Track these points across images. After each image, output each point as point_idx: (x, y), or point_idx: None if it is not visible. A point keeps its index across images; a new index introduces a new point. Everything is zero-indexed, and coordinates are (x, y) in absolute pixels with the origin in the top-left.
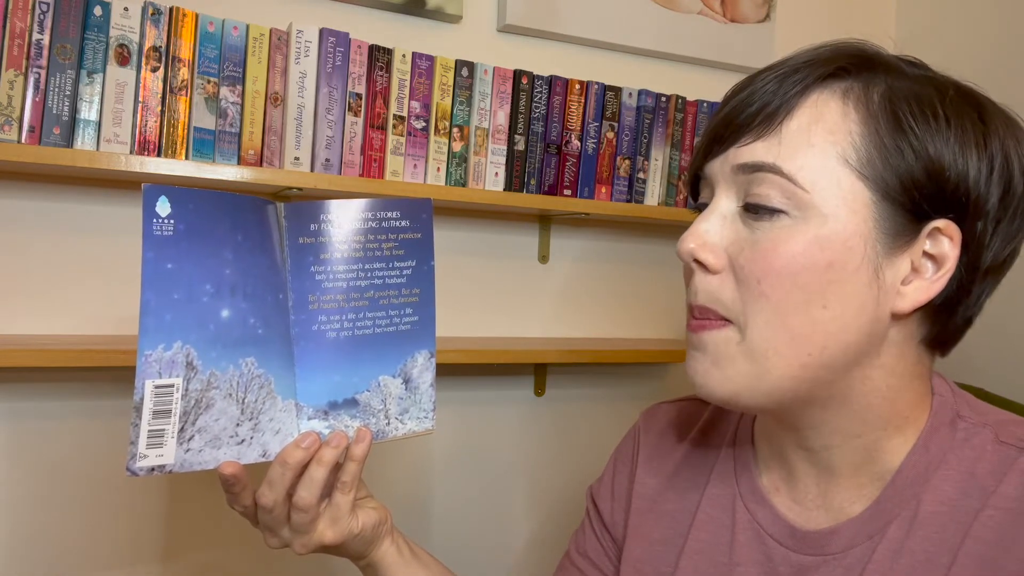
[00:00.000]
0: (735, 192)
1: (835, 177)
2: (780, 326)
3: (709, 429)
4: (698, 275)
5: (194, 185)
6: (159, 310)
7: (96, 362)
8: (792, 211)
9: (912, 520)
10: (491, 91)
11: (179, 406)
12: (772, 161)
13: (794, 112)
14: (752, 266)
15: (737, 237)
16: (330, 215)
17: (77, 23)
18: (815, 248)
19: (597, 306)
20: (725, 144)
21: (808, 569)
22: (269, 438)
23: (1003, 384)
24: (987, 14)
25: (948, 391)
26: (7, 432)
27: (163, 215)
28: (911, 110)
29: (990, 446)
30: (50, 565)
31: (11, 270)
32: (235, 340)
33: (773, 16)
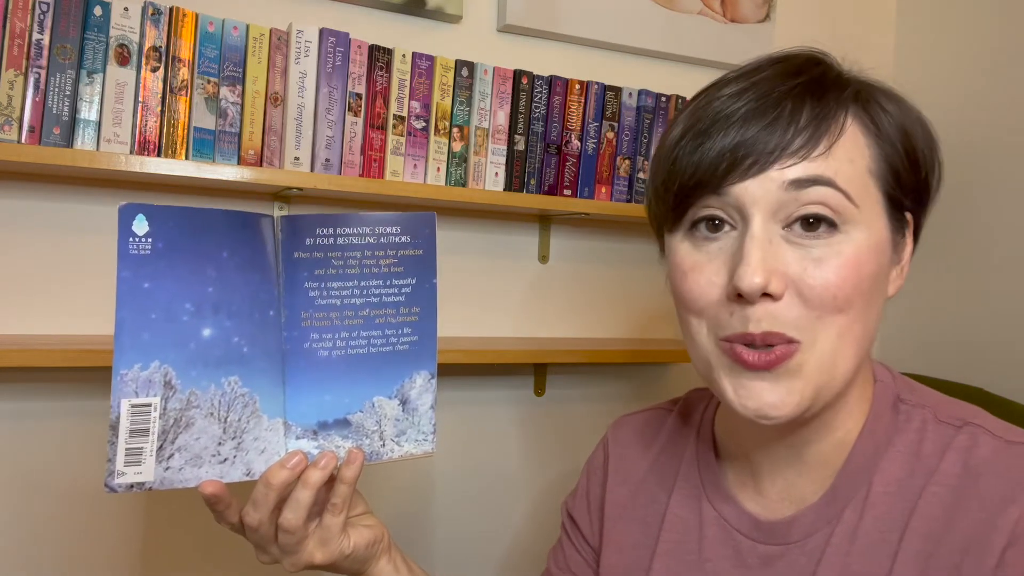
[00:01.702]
0: (774, 211)
1: (868, 188)
2: (848, 335)
3: (674, 435)
4: (761, 306)
5: (194, 185)
6: (135, 329)
7: (95, 362)
8: (843, 225)
9: (864, 502)
10: (491, 91)
11: (157, 425)
12: (830, 176)
13: (838, 137)
14: (824, 284)
15: (793, 258)
16: (326, 229)
17: (77, 23)
18: (871, 257)
19: (597, 306)
20: (757, 168)
21: (774, 558)
22: (254, 457)
23: (1003, 384)
24: (987, 14)
25: (888, 376)
26: (7, 432)
27: (140, 234)
28: (890, 109)
29: (930, 426)
30: (52, 562)
31: (11, 270)
32: (217, 359)
33: (773, 16)
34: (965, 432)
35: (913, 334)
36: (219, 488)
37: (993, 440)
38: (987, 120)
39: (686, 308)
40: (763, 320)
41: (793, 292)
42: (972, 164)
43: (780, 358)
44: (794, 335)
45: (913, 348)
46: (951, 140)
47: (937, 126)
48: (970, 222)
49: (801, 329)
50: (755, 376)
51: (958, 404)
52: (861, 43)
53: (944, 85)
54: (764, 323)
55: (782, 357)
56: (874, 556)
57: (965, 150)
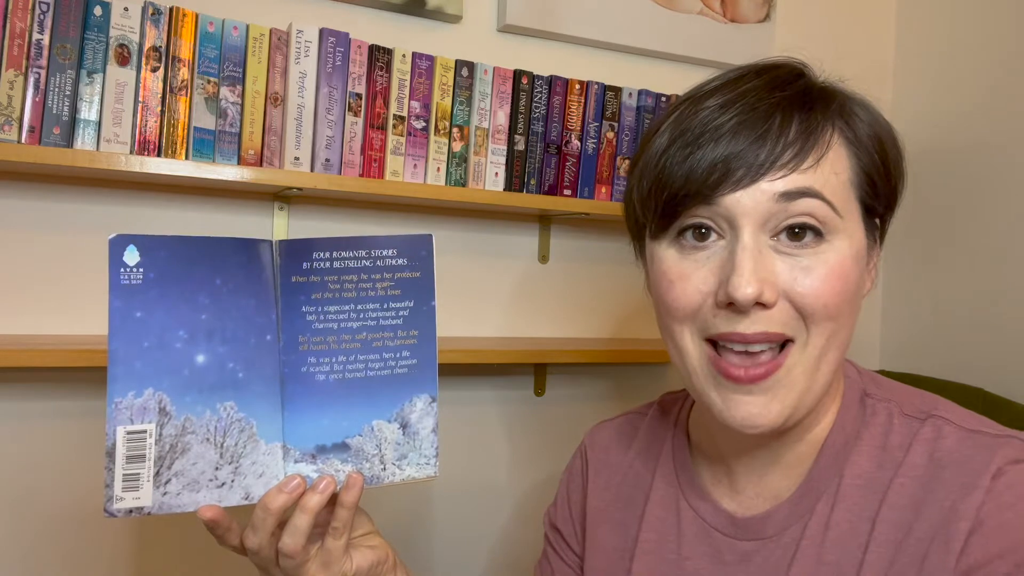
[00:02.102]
0: (763, 221)
1: (849, 199)
2: (834, 341)
3: (650, 437)
4: (755, 315)
5: (194, 185)
6: (128, 358)
7: (96, 362)
8: (828, 235)
9: (835, 495)
10: (491, 91)
11: (153, 451)
12: (818, 189)
13: (828, 145)
14: (816, 293)
15: (782, 267)
16: (323, 253)
17: (77, 23)
18: (854, 266)
19: (597, 306)
20: (748, 179)
21: (750, 554)
22: (252, 481)
23: (1003, 384)
24: (986, 14)
25: (855, 372)
26: (7, 432)
27: (131, 264)
28: (863, 117)
29: (896, 420)
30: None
31: (11, 270)
32: (212, 385)
33: (773, 16)
34: (929, 424)
35: (913, 334)
36: (217, 513)
37: (956, 431)
38: (988, 120)
39: (671, 316)
40: (757, 323)
41: (785, 300)
42: (972, 165)
43: (770, 370)
44: (789, 334)
45: (913, 348)
46: (951, 140)
47: (937, 126)
48: (970, 223)
49: (796, 330)
50: (743, 390)
51: (921, 395)
52: (861, 43)
53: (944, 85)
54: (758, 325)
55: (771, 370)
56: (846, 546)
57: (965, 150)
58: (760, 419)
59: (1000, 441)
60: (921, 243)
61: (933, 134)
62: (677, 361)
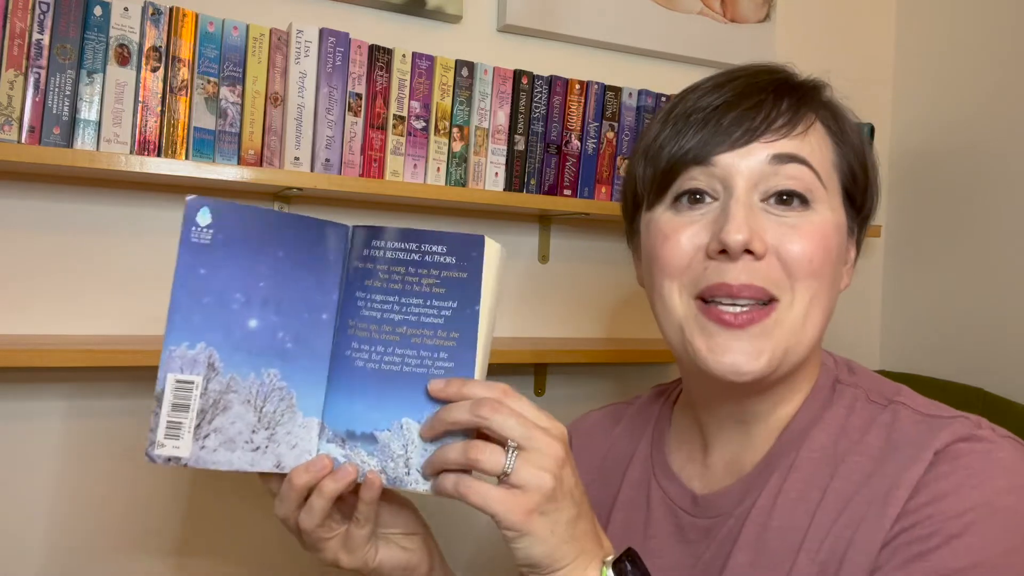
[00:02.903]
0: (755, 182)
1: (833, 178)
2: (818, 300)
3: (631, 424)
4: (742, 262)
5: (193, 185)
6: (187, 310)
7: (97, 362)
8: (813, 203)
9: (790, 467)
10: (491, 91)
11: (197, 403)
12: (805, 156)
13: (812, 125)
14: (802, 248)
15: (771, 225)
16: (380, 241)
17: (77, 23)
18: (836, 232)
19: (597, 306)
20: (744, 139)
21: (710, 529)
22: (284, 451)
23: (1003, 384)
24: (986, 15)
25: (832, 361)
26: (6, 432)
27: (203, 224)
28: (851, 123)
29: (860, 404)
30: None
31: (11, 270)
32: (260, 349)
33: (773, 16)
34: (889, 410)
35: (913, 334)
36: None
37: (913, 414)
38: (987, 121)
39: (662, 271)
40: (743, 274)
41: (773, 255)
42: (972, 165)
43: (756, 317)
44: (775, 293)
45: (913, 348)
46: (951, 141)
47: (936, 127)
48: (970, 223)
49: (781, 289)
50: (730, 335)
51: (888, 384)
52: (861, 43)
53: (944, 86)
54: (744, 276)
55: (759, 317)
56: (794, 512)
57: (965, 151)
58: (746, 366)
59: (948, 421)
60: (921, 243)
61: (933, 135)
62: (664, 321)
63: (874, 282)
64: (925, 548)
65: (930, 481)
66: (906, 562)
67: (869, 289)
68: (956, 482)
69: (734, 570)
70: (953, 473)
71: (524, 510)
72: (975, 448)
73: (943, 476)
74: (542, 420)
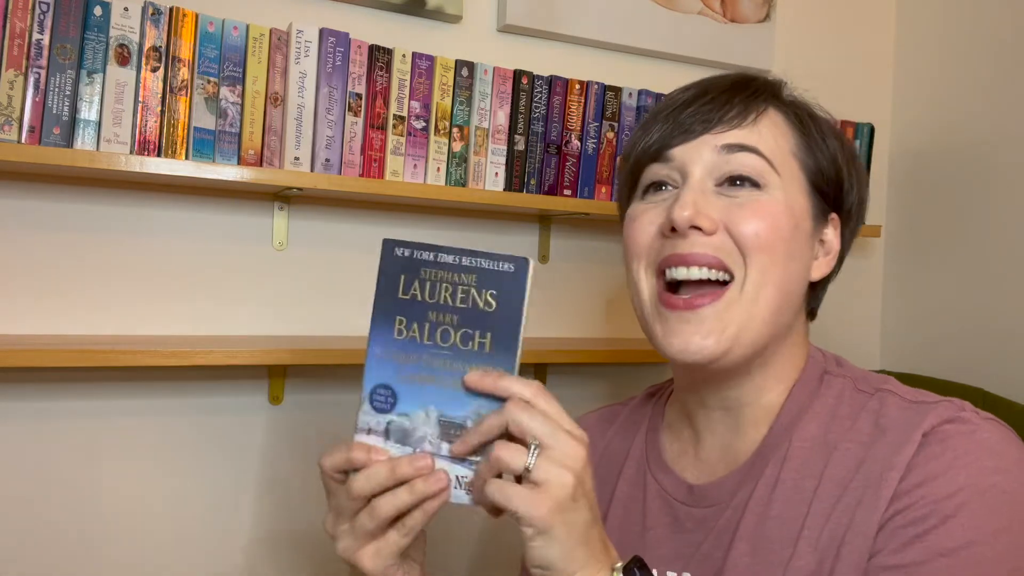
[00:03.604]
0: (709, 170)
1: (789, 164)
2: (770, 274)
3: (626, 423)
4: (693, 238)
5: (194, 185)
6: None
7: (96, 362)
8: (764, 187)
9: (784, 457)
10: (491, 91)
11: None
12: (754, 144)
13: (763, 115)
14: (748, 222)
15: (722, 204)
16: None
17: (77, 23)
18: (787, 211)
19: (597, 306)
20: (696, 132)
21: (707, 519)
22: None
23: (1003, 384)
24: (986, 14)
25: (820, 355)
26: (6, 432)
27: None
28: (821, 123)
29: (848, 393)
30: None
31: (11, 270)
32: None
33: (773, 16)
34: (876, 398)
35: (913, 335)
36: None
37: (899, 401)
38: (987, 121)
39: (631, 252)
40: (695, 246)
41: (724, 232)
42: (972, 165)
43: (708, 300)
44: (728, 263)
45: (913, 348)
46: (951, 141)
47: (936, 127)
48: (970, 223)
49: (735, 264)
50: (678, 317)
51: (874, 376)
52: (861, 43)
53: (944, 85)
54: (697, 248)
55: (710, 299)
56: (791, 501)
57: (965, 151)
58: (695, 346)
59: (933, 405)
60: (921, 243)
61: (933, 135)
62: (636, 305)
63: (874, 282)
64: (922, 529)
65: (920, 462)
66: (904, 544)
67: (869, 289)
68: (945, 463)
69: (735, 560)
70: (942, 454)
71: (546, 507)
72: (960, 430)
73: (933, 457)
74: (566, 422)
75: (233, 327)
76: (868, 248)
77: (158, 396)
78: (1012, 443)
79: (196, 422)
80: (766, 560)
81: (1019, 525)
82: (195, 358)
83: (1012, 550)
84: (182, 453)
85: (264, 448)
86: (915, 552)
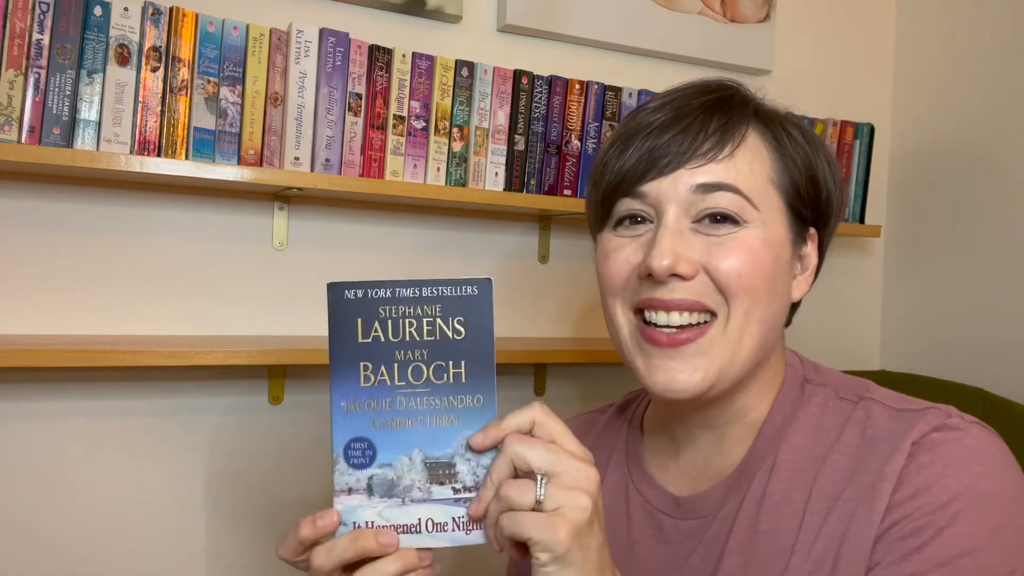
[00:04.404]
0: (685, 208)
1: (767, 194)
2: (753, 311)
3: (605, 432)
4: (673, 284)
5: (194, 185)
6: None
7: (96, 362)
8: (743, 223)
9: (771, 470)
10: (491, 91)
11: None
12: (732, 182)
13: (740, 144)
14: (729, 264)
15: (700, 244)
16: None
17: (77, 23)
18: (768, 247)
19: (597, 306)
20: (671, 167)
21: (694, 531)
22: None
23: (1003, 384)
24: (986, 14)
25: (797, 361)
26: (6, 432)
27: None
28: (796, 136)
29: (831, 402)
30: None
31: (11, 270)
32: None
33: (773, 16)
34: (861, 407)
35: (913, 335)
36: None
37: (884, 410)
38: (987, 121)
39: (606, 289)
40: (676, 292)
41: (704, 274)
42: (971, 165)
43: (692, 337)
44: (711, 306)
45: (913, 348)
46: (950, 141)
47: (936, 127)
48: (970, 223)
49: (717, 304)
50: (663, 355)
51: (855, 381)
52: (861, 43)
53: (944, 86)
54: (677, 294)
55: (695, 336)
56: (781, 513)
57: (965, 151)
58: (680, 384)
59: (921, 413)
60: (921, 243)
61: (932, 135)
62: (613, 336)
63: (874, 282)
64: (920, 542)
65: (912, 472)
66: (903, 556)
67: (869, 289)
68: (936, 472)
69: (727, 573)
70: (932, 464)
71: (564, 530)
72: (948, 437)
73: (924, 467)
74: (570, 443)
75: (233, 327)
76: (868, 248)
77: (158, 396)
78: (998, 447)
79: (196, 422)
80: (758, 574)
81: (1012, 526)
82: (195, 358)
83: (1009, 552)
84: (182, 453)
85: (264, 448)
86: (914, 564)
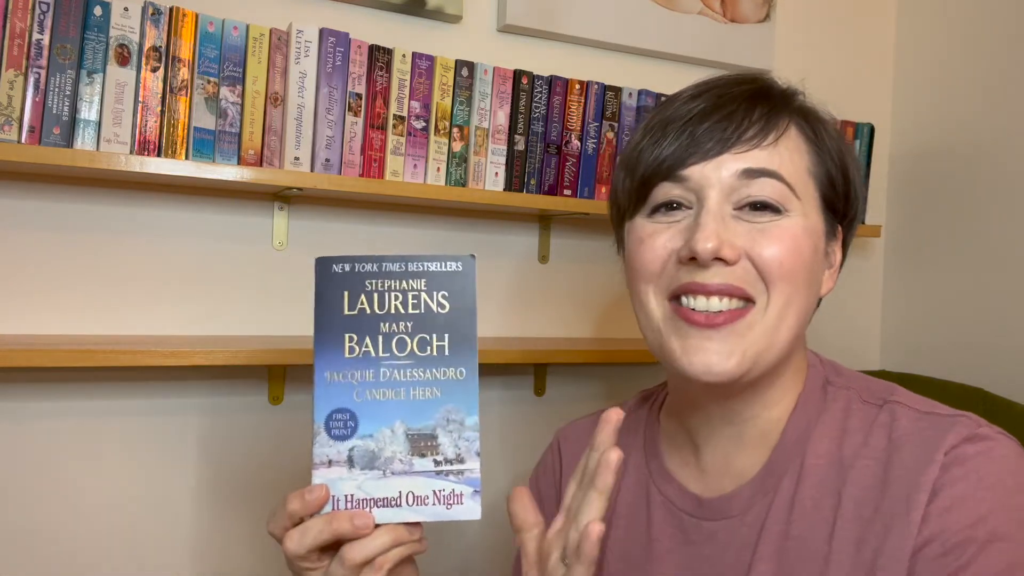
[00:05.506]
0: (727, 194)
1: (806, 184)
2: (792, 300)
3: (623, 431)
4: (715, 268)
5: (194, 185)
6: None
7: (96, 362)
8: (785, 211)
9: (799, 474)
10: (491, 91)
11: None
12: (776, 169)
13: (784, 133)
14: (772, 251)
15: (743, 231)
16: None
17: (77, 23)
18: (808, 236)
19: (597, 306)
20: (715, 151)
21: (716, 532)
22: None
23: (1003, 384)
24: (986, 14)
25: (818, 362)
26: (6, 432)
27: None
28: (831, 132)
29: (855, 405)
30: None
31: (11, 270)
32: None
33: (773, 16)
34: (886, 410)
35: (913, 335)
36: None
37: (910, 412)
38: (987, 121)
39: (639, 275)
40: (716, 277)
41: (746, 259)
42: (972, 165)
43: (731, 318)
44: (752, 293)
45: (913, 348)
46: (951, 141)
47: (936, 127)
48: (970, 223)
49: (758, 292)
50: (702, 335)
51: (877, 383)
52: (861, 43)
53: (944, 86)
54: (718, 279)
55: (733, 317)
56: (811, 520)
57: (965, 151)
58: (718, 367)
59: (951, 420)
60: (921, 243)
61: (932, 135)
62: (644, 325)
63: (874, 282)
64: (964, 560)
65: (946, 484)
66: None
67: (869, 289)
68: (971, 486)
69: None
70: (966, 477)
71: None
72: (980, 449)
73: (958, 479)
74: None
75: (233, 327)
76: (868, 248)
77: (158, 396)
78: (1023, 457)
79: (196, 422)
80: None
81: None
82: (195, 358)
83: None
84: (182, 453)
85: (264, 448)
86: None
